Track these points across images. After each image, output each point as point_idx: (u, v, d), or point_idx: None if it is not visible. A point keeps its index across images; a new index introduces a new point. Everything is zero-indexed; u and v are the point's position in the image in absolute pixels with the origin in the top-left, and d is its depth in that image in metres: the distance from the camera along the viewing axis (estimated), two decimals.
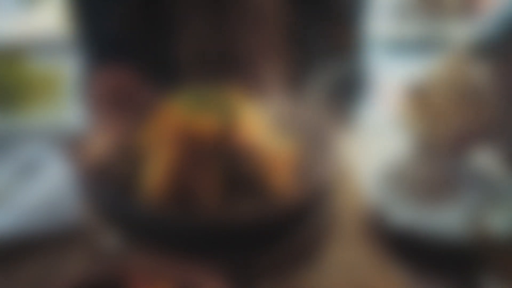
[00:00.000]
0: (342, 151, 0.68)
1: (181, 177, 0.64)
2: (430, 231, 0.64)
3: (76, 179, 0.70)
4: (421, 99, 0.80)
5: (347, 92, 0.95)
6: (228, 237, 0.63)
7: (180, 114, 0.66)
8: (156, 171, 0.64)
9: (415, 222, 0.66)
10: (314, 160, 0.68)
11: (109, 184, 0.66)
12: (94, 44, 0.96)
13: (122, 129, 0.73)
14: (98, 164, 0.68)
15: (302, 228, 0.65)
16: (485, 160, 0.74)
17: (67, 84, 1.10)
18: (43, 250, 0.65)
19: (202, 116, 0.65)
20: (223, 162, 0.64)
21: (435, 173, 0.73)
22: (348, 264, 0.64)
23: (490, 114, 0.77)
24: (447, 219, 0.66)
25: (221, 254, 0.62)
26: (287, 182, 0.65)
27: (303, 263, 0.64)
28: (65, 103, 1.11)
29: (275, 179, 0.65)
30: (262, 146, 0.65)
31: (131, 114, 0.76)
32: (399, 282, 0.62)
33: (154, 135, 0.66)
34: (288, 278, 0.63)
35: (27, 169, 0.80)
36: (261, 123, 0.67)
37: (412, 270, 0.63)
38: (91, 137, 0.73)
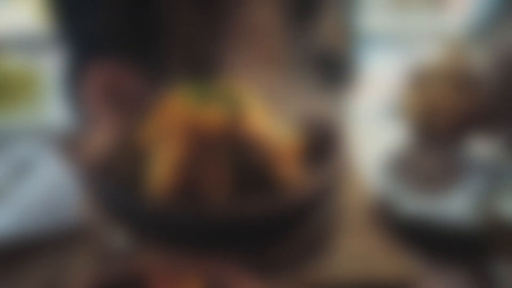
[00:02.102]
0: (347, 141, 0.68)
1: (188, 171, 0.63)
2: (438, 218, 0.65)
3: (77, 177, 0.69)
4: (419, 88, 0.80)
5: (342, 81, 0.94)
6: (238, 230, 0.62)
7: (184, 108, 0.64)
8: (163, 166, 0.63)
9: (422, 210, 0.66)
10: (320, 151, 0.67)
11: (114, 181, 0.65)
12: (80, 38, 0.94)
13: (121, 125, 0.72)
14: (101, 161, 0.67)
15: (312, 219, 0.65)
16: (487, 145, 0.74)
17: (52, 81, 1.08)
18: (49, 251, 0.64)
19: (207, 108, 0.64)
20: (231, 155, 0.63)
21: (438, 160, 0.74)
22: (359, 253, 0.64)
23: (488, 100, 0.77)
24: (454, 206, 0.66)
25: (232, 248, 0.61)
26: (295, 174, 0.65)
27: (314, 254, 0.64)
28: (51, 100, 1.09)
29: (284, 170, 0.64)
30: (269, 137, 0.64)
31: (130, 108, 0.74)
32: (410, 270, 0.62)
33: (158, 129, 0.65)
34: (299, 270, 0.62)
35: (21, 168, 0.77)
36: (267, 115, 0.67)
37: (422, 257, 0.63)
38: (88, 134, 0.72)
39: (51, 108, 1.07)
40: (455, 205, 0.66)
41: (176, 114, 0.64)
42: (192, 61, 0.87)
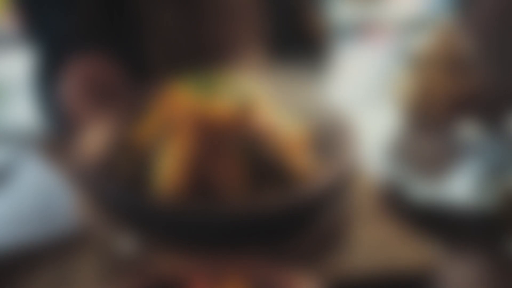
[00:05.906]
0: (353, 131, 0.67)
1: (198, 167, 0.60)
2: (449, 201, 0.64)
3: (74, 181, 0.65)
4: (411, 73, 0.80)
5: (326, 70, 0.93)
6: (252, 226, 0.60)
7: (188, 102, 0.62)
8: (170, 163, 0.60)
9: (433, 195, 0.65)
10: (327, 141, 0.66)
11: (117, 182, 0.61)
12: (53, 35, 0.89)
13: (114, 123, 0.68)
14: (99, 162, 0.63)
15: (326, 211, 0.63)
16: (482, 124, 0.74)
17: (19, 82, 1.03)
18: (52, 260, 0.60)
19: (213, 101, 0.61)
20: (242, 148, 0.61)
21: (437, 144, 0.73)
22: (376, 243, 0.63)
23: (479, 81, 0.78)
24: (463, 188, 0.66)
25: (247, 245, 0.59)
26: (307, 166, 0.63)
27: (330, 247, 0.62)
28: (18, 102, 1.04)
29: (296, 163, 0.62)
30: (279, 129, 0.62)
31: (120, 105, 0.71)
32: (427, 256, 0.61)
33: (161, 125, 0.62)
34: (316, 263, 0.61)
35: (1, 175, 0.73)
36: (273, 106, 0.64)
37: (438, 242, 0.63)
38: (76, 136, 0.68)
39: (19, 110, 1.02)
40: (464, 187, 0.66)
41: (181, 109, 0.61)
42: (176, 51, 0.84)
